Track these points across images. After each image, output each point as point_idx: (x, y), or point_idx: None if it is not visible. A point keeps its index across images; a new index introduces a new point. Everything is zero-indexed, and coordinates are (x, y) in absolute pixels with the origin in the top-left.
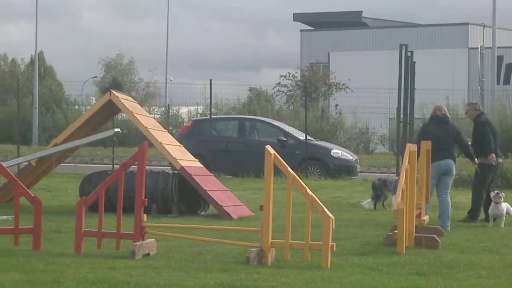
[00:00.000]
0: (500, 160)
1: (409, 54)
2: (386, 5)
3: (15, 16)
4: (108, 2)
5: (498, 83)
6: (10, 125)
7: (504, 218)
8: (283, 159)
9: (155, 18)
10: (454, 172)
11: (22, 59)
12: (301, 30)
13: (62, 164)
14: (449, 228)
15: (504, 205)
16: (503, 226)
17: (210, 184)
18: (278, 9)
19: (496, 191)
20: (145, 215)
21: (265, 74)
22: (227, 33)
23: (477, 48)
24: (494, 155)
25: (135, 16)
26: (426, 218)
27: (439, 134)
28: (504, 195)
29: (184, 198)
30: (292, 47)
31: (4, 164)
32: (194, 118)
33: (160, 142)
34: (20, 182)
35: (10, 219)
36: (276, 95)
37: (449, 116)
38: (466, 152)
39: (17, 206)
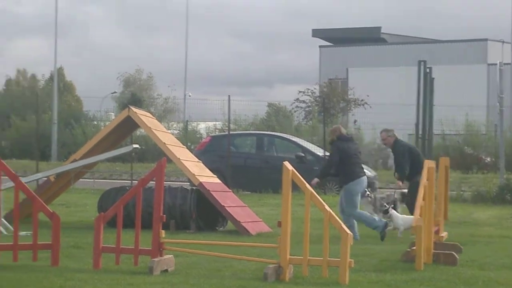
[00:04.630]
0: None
1: (427, 70)
2: (405, 21)
3: (35, 31)
4: (125, 18)
5: None
6: (29, 140)
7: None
8: (301, 175)
9: (172, 34)
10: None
11: (43, 75)
12: (320, 46)
13: (80, 179)
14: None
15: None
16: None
17: (229, 200)
18: (295, 25)
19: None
20: (163, 231)
21: (279, 90)
22: (241, 49)
23: (496, 64)
24: (400, 182)
25: (153, 32)
26: (444, 234)
27: (356, 152)
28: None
29: (202, 214)
30: (308, 63)
31: (23, 180)
32: (212, 134)
33: (179, 158)
34: (38, 198)
35: (29, 234)
36: (295, 111)
37: None
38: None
39: (35, 221)
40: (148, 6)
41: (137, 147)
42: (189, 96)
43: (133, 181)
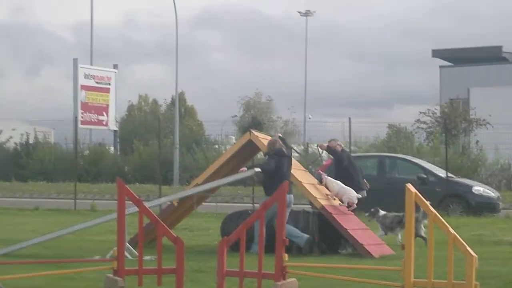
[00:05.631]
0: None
1: None
2: None
3: (155, 57)
4: (244, 41)
5: None
6: (152, 165)
7: None
8: (423, 197)
9: (289, 56)
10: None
11: (165, 99)
12: (440, 66)
13: (203, 203)
14: None
15: None
16: None
17: (351, 222)
18: (414, 45)
19: None
20: (286, 255)
21: (398, 111)
22: (359, 70)
23: None
24: None
25: (271, 54)
26: None
27: (289, 169)
28: None
29: (324, 237)
30: (428, 83)
31: (147, 205)
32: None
33: (300, 181)
34: (162, 223)
35: (153, 259)
36: (416, 132)
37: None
38: None
39: (159, 246)
40: (266, 29)
41: (259, 171)
42: (309, 118)
43: (255, 204)
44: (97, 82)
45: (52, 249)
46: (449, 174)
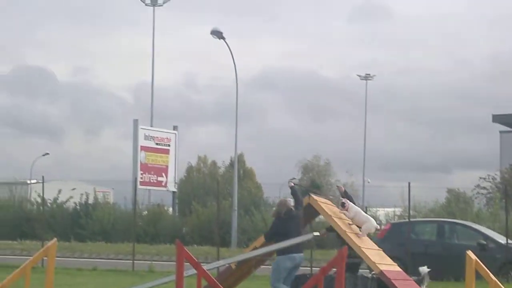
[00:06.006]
0: None
1: None
2: None
3: (214, 118)
4: (301, 103)
5: None
6: (210, 227)
7: None
8: (483, 263)
9: (347, 119)
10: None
11: (223, 161)
12: (500, 131)
13: (261, 266)
14: None
15: None
16: None
17: None
18: (473, 110)
19: None
20: None
21: (457, 175)
22: (417, 134)
23: None
24: None
25: (330, 117)
26: None
27: (297, 230)
28: None
29: None
30: (488, 148)
31: (205, 267)
32: (392, 221)
33: (359, 246)
34: (220, 286)
35: None
36: (475, 197)
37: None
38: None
39: None
40: (324, 92)
41: (318, 235)
42: (368, 182)
43: (313, 268)
44: (157, 144)
45: None
46: (509, 241)
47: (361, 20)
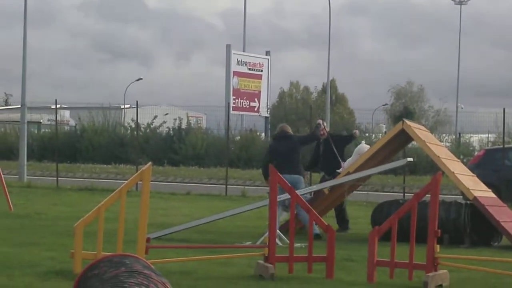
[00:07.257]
0: None
1: None
2: None
3: (306, 44)
4: (394, 28)
5: None
6: (303, 153)
7: None
8: None
9: (441, 44)
10: (300, 186)
11: (315, 87)
12: None
13: (354, 192)
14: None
15: None
16: None
17: (504, 215)
18: None
19: None
20: (438, 246)
21: None
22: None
23: None
24: None
25: (422, 42)
26: None
27: (281, 149)
28: None
29: (476, 228)
30: None
31: (298, 192)
32: (486, 147)
33: (453, 172)
34: (313, 210)
35: (303, 246)
36: None
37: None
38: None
39: (311, 234)
40: (415, 17)
41: (411, 160)
42: (461, 108)
43: (406, 194)
44: (249, 69)
45: (203, 234)
46: None
47: None
